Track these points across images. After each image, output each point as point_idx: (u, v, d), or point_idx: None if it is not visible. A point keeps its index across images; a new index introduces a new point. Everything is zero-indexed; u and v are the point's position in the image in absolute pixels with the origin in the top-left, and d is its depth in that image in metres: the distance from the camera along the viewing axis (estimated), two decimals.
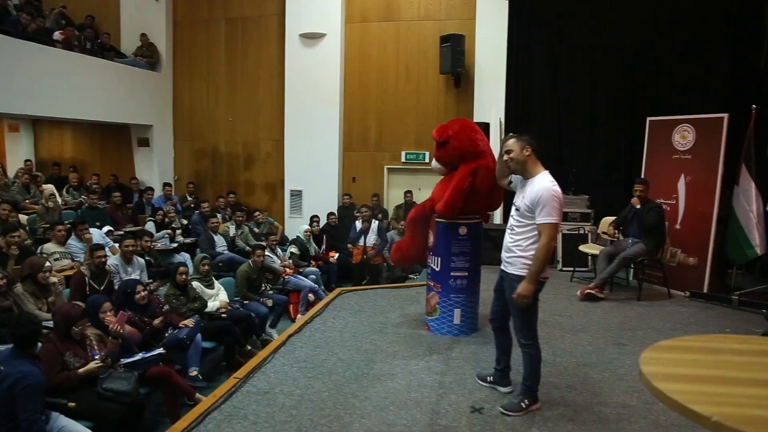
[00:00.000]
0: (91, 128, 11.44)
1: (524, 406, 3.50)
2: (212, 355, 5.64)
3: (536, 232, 3.32)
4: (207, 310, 5.74)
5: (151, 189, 9.85)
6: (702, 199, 6.29)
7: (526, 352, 3.50)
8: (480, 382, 3.92)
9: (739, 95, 6.92)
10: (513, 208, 3.51)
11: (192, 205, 10.03)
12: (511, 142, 3.47)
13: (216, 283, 6.22)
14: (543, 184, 3.31)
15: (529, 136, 3.51)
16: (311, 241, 8.70)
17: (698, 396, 1.63)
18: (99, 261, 5.56)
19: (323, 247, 8.92)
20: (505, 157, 3.49)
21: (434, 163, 4.98)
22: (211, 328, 5.49)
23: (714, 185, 6.17)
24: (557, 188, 3.30)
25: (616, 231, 6.37)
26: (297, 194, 10.46)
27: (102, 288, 5.45)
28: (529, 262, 3.35)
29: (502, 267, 3.59)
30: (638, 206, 6.16)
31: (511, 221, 3.52)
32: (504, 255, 3.55)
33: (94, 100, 9.29)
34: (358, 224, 8.80)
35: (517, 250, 3.41)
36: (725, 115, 6.13)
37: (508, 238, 3.51)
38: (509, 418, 3.43)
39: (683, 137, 6.51)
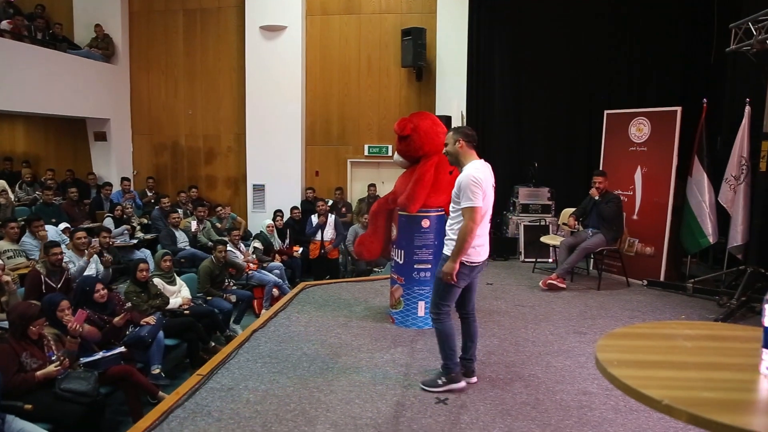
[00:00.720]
0: (45, 122, 11.08)
1: (440, 383, 3.66)
2: (175, 353, 5.56)
3: (460, 218, 3.53)
4: (169, 306, 5.66)
5: (109, 184, 9.61)
6: (657, 190, 6.49)
7: (435, 328, 3.65)
8: None
9: (692, 90, 7.16)
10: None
11: (152, 201, 9.83)
12: (448, 136, 3.68)
13: (178, 280, 6.13)
14: (466, 172, 3.52)
15: (466, 128, 3.71)
16: (275, 235, 8.64)
17: (650, 381, 1.69)
18: (55, 258, 5.42)
19: (287, 241, 8.88)
20: (443, 150, 3.71)
21: (396, 156, 5.02)
22: (174, 325, 5.41)
23: (669, 176, 6.37)
24: (477, 174, 3.46)
25: (577, 222, 6.53)
26: (260, 189, 10.36)
27: (59, 286, 5.31)
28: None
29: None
30: (597, 197, 6.32)
31: (450, 208, 3.73)
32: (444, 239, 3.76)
33: (47, 92, 8.99)
34: (315, 219, 8.77)
35: (451, 233, 3.62)
36: (678, 109, 6.33)
37: (446, 224, 3.74)
38: (432, 395, 3.59)
39: (639, 130, 6.69)
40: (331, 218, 8.80)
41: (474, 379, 3.84)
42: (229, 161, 10.80)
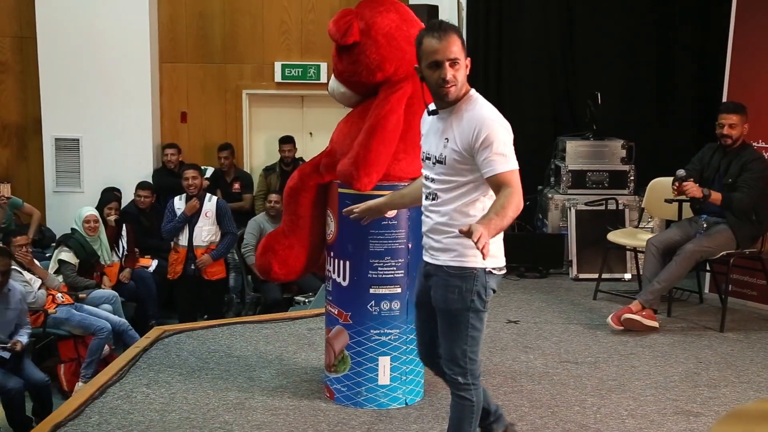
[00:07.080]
0: None
1: None
2: None
3: (476, 194, 3.51)
4: None
5: None
6: None
7: (460, 398, 3.66)
8: None
9: None
10: (429, 162, 3.69)
11: None
12: (457, 48, 3.53)
13: None
14: (484, 111, 3.51)
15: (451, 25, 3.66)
16: (101, 237, 8.53)
17: None
18: None
19: (124, 250, 8.81)
20: (449, 76, 3.51)
21: (333, 82, 5.03)
22: None
23: None
24: (502, 117, 3.51)
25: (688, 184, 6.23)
26: (70, 147, 10.26)
27: None
28: (469, 245, 3.31)
29: (425, 259, 3.76)
30: (728, 147, 6.28)
31: (429, 185, 3.67)
32: (429, 240, 3.70)
33: None
34: (178, 202, 8.71)
35: (452, 227, 3.49)
36: None
37: (430, 215, 3.67)
38: None
39: None
40: (211, 203, 8.72)
41: None
42: (3, 92, 10.67)
